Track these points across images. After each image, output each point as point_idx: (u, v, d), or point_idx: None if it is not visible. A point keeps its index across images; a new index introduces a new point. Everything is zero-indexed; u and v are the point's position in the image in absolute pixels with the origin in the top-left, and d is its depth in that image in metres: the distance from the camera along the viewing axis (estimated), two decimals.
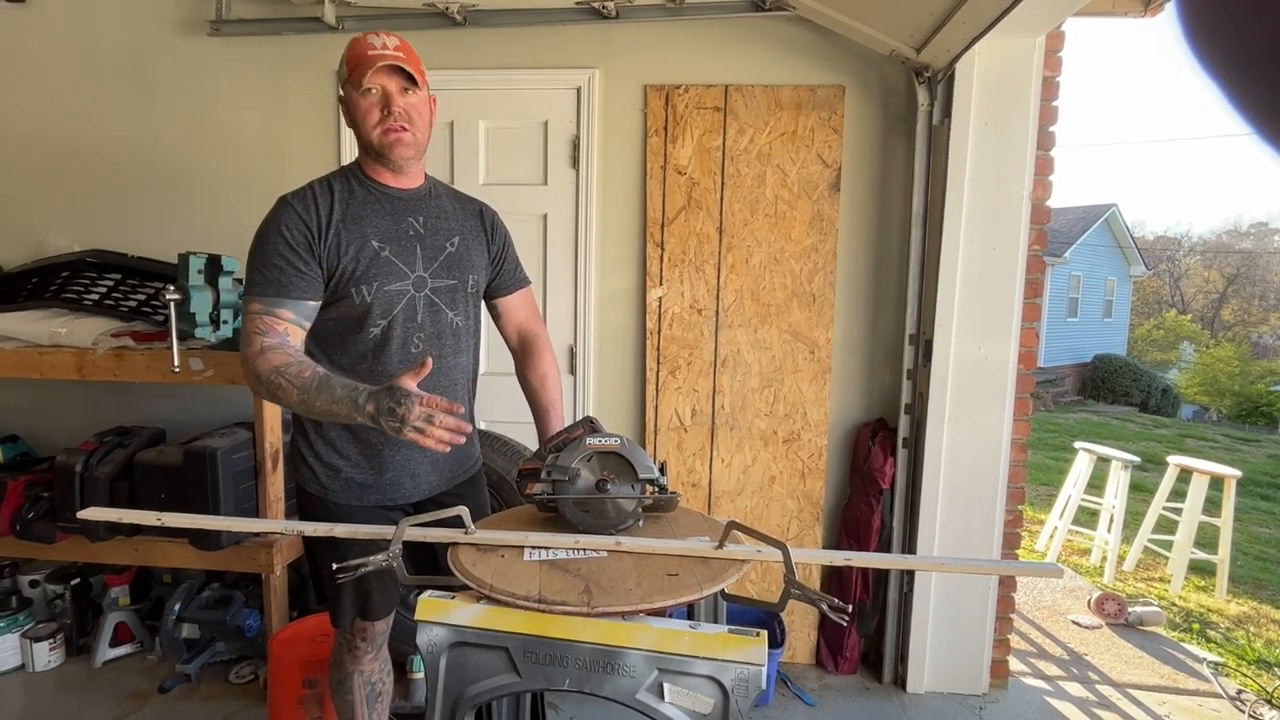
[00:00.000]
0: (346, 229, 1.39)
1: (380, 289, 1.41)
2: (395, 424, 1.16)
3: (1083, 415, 12.04)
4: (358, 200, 1.43)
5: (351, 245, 1.38)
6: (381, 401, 1.18)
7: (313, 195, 1.40)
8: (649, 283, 2.57)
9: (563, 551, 1.23)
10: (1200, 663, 2.82)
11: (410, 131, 1.40)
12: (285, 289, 1.34)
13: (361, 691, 1.61)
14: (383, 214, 1.43)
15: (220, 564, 2.29)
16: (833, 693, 2.44)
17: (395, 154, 1.40)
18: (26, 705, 2.30)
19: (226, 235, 2.67)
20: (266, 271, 1.34)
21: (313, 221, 1.37)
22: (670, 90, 2.50)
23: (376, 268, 1.40)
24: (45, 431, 2.85)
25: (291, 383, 1.26)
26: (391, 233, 1.43)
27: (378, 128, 1.38)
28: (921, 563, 1.74)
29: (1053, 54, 2.28)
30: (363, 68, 1.35)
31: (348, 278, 1.39)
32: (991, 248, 2.30)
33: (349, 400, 1.22)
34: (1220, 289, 25.23)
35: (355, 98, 1.38)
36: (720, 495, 2.59)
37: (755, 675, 1.02)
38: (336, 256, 1.38)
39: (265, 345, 1.31)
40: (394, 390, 1.17)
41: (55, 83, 2.75)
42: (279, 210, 1.38)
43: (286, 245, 1.35)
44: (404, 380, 1.19)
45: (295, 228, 1.35)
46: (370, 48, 1.36)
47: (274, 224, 1.36)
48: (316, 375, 1.27)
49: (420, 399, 1.15)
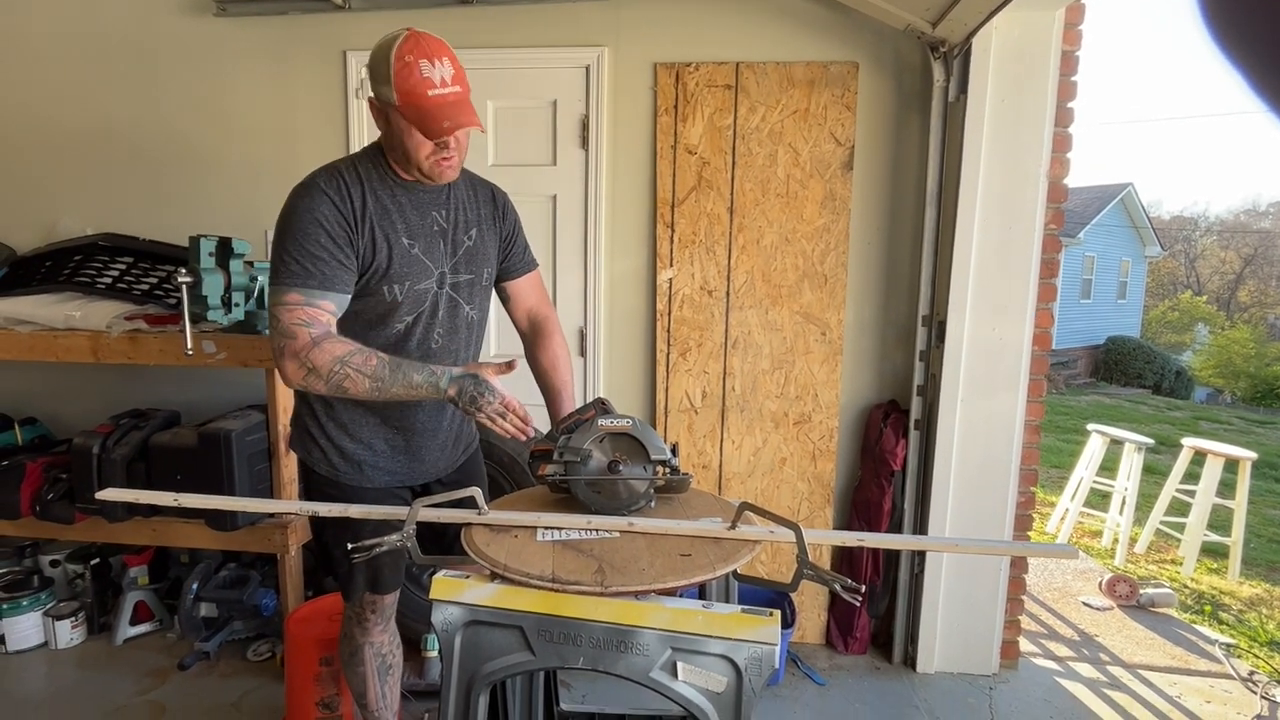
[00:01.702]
0: (380, 224, 1.35)
1: (411, 288, 1.39)
2: (474, 410, 1.28)
3: (1095, 398, 11.96)
4: (385, 192, 1.38)
5: (385, 242, 1.36)
6: (465, 388, 1.28)
7: (345, 184, 1.34)
8: (659, 264, 2.55)
9: (575, 532, 1.24)
10: (1212, 644, 2.81)
11: (460, 156, 1.37)
12: (328, 281, 1.30)
13: (373, 663, 1.64)
14: (410, 207, 1.40)
15: (236, 544, 2.32)
16: (843, 672, 2.45)
17: (444, 180, 1.39)
18: (51, 681, 2.35)
19: (237, 217, 2.68)
20: (306, 262, 1.28)
21: (349, 212, 1.33)
22: (680, 68, 2.47)
23: (408, 266, 1.38)
24: (62, 414, 2.88)
25: (360, 371, 1.26)
26: (419, 228, 1.41)
27: (430, 159, 1.33)
28: (934, 543, 1.73)
29: (1072, 27, 2.23)
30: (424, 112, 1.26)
31: (380, 274, 1.36)
32: (1007, 227, 2.27)
33: (430, 385, 1.29)
34: (1237, 270, 24.85)
35: (404, 125, 1.29)
36: (731, 477, 2.59)
37: (768, 654, 1.02)
38: (371, 253, 1.35)
39: (315, 336, 1.27)
40: (479, 381, 1.28)
41: (63, 66, 2.75)
42: (311, 196, 1.32)
43: (327, 236, 1.29)
44: (488, 373, 1.29)
45: (333, 218, 1.31)
46: (430, 86, 1.25)
47: (308, 211, 1.30)
48: (384, 363, 1.28)
49: (503, 398, 1.29)
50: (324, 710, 1.93)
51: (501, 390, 1.29)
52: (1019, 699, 2.34)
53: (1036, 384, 2.36)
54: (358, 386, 1.27)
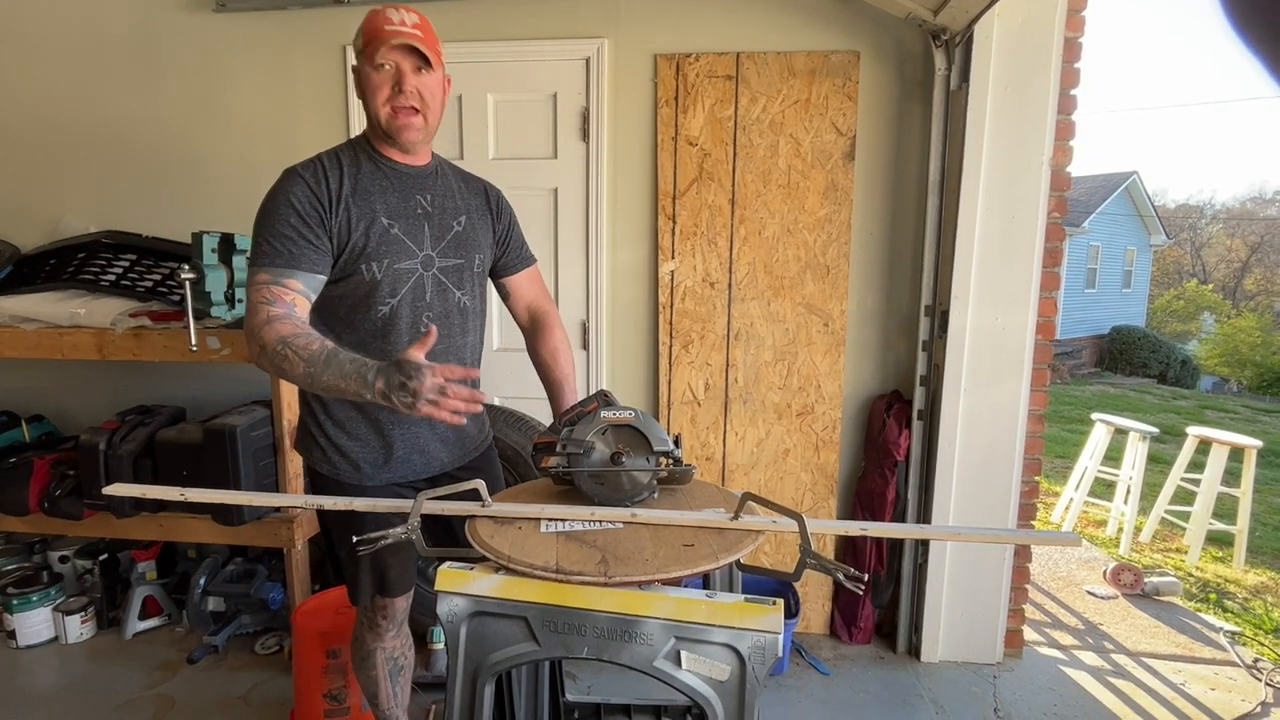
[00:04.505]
0: (356, 204, 1.37)
1: (390, 266, 1.39)
2: (408, 399, 1.11)
3: (1100, 388, 11.92)
4: (366, 175, 1.41)
5: (361, 221, 1.37)
6: (392, 377, 1.13)
7: (322, 167, 1.38)
8: (661, 256, 2.55)
9: (579, 523, 1.24)
10: (1217, 632, 2.81)
11: (421, 114, 1.38)
12: (295, 260, 1.30)
13: (385, 667, 1.64)
14: (391, 190, 1.42)
15: (243, 539, 2.34)
16: (847, 662, 2.46)
17: (404, 138, 1.39)
18: (62, 675, 2.37)
19: (238, 213, 2.67)
20: (275, 242, 1.30)
21: (323, 194, 1.34)
22: (681, 59, 2.46)
23: (386, 244, 1.38)
24: (69, 411, 2.90)
25: (298, 354, 1.20)
26: (400, 210, 1.42)
27: (387, 105, 1.36)
28: (938, 532, 1.73)
29: (1075, 13, 2.22)
30: (377, 42, 1.32)
31: (358, 253, 1.37)
32: (1010, 215, 2.26)
33: (358, 376, 1.16)
34: (1243, 258, 24.69)
35: (368, 71, 1.35)
36: (734, 469, 2.60)
37: (772, 643, 1.02)
38: (347, 231, 1.36)
39: (272, 314, 1.25)
40: (403, 364, 1.12)
41: (64, 64, 2.75)
42: (287, 180, 1.35)
43: (297, 216, 1.31)
44: (411, 352, 1.14)
45: (305, 199, 1.32)
46: (388, 22, 1.33)
47: (282, 194, 1.33)
48: (324, 348, 1.21)
49: (432, 369, 1.11)
50: (331, 702, 1.95)
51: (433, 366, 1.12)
52: (1023, 688, 2.35)
53: (1040, 373, 2.35)
54: (294, 369, 1.21)
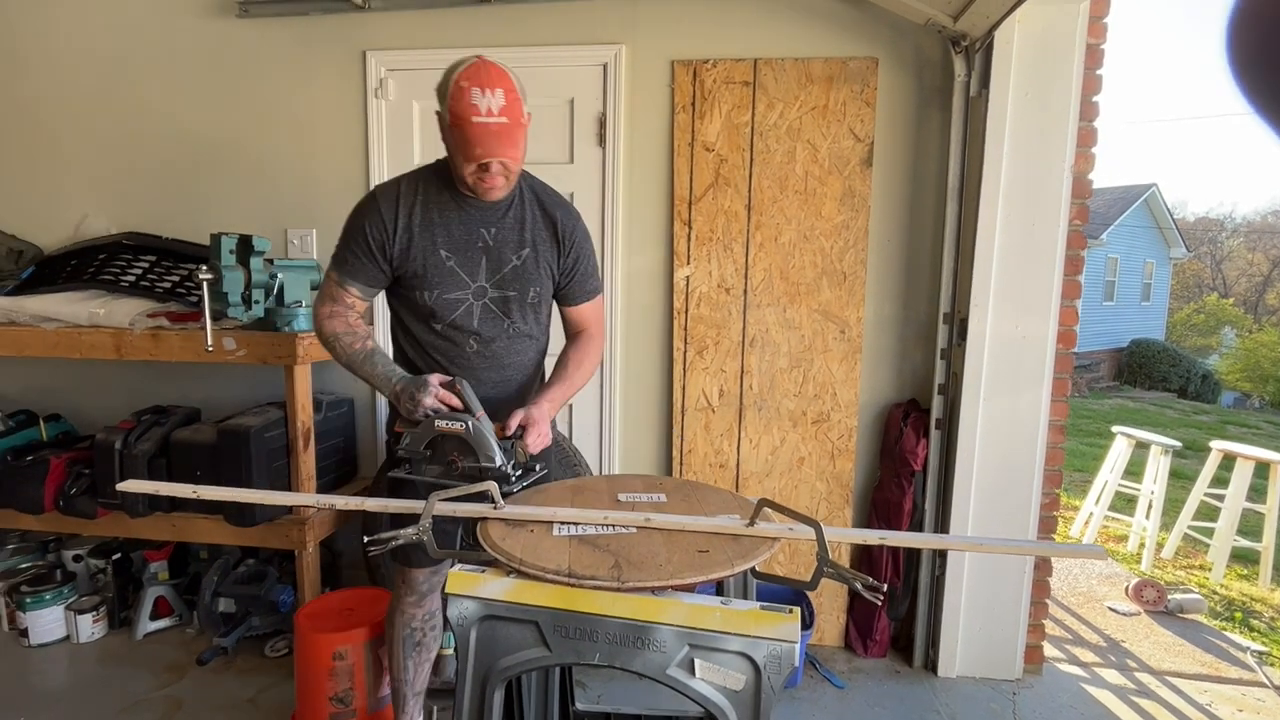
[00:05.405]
0: (420, 235, 1.49)
1: (440, 295, 1.52)
2: (410, 405, 1.43)
3: (1119, 401, 11.75)
4: (437, 204, 1.50)
5: (420, 253, 1.49)
6: (407, 385, 1.45)
7: (397, 197, 1.50)
8: (676, 262, 2.54)
9: (592, 527, 1.22)
10: (1244, 652, 2.74)
11: (506, 180, 1.45)
12: (355, 273, 1.53)
13: (401, 632, 1.71)
14: (456, 222, 1.51)
15: (254, 540, 2.33)
16: (862, 675, 2.42)
17: (488, 199, 1.49)
18: (73, 674, 2.37)
19: (257, 215, 2.70)
20: (346, 255, 1.53)
21: (390, 226, 1.49)
22: (698, 65, 2.45)
23: (440, 276, 1.51)
24: (85, 410, 2.92)
25: (344, 349, 1.54)
26: (462, 242, 1.51)
27: (473, 176, 1.43)
28: (959, 542, 1.70)
29: (1097, 20, 2.19)
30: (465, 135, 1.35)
31: (413, 280, 1.51)
32: (1030, 223, 2.23)
33: (384, 378, 1.50)
34: (1265, 272, 24.31)
35: (452, 143, 1.42)
36: (748, 476, 2.57)
37: (788, 652, 1.00)
38: (405, 260, 1.50)
39: (334, 311, 1.56)
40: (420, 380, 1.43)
41: (87, 69, 2.79)
42: (369, 205, 1.51)
43: (365, 242, 1.50)
44: (432, 377, 1.43)
45: (376, 229, 1.49)
46: (475, 112, 1.33)
47: (361, 218, 1.51)
48: (364, 349, 1.53)
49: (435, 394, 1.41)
50: (337, 705, 1.93)
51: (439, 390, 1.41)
52: (1044, 705, 2.29)
53: (1061, 383, 2.31)
54: (339, 358, 1.55)
